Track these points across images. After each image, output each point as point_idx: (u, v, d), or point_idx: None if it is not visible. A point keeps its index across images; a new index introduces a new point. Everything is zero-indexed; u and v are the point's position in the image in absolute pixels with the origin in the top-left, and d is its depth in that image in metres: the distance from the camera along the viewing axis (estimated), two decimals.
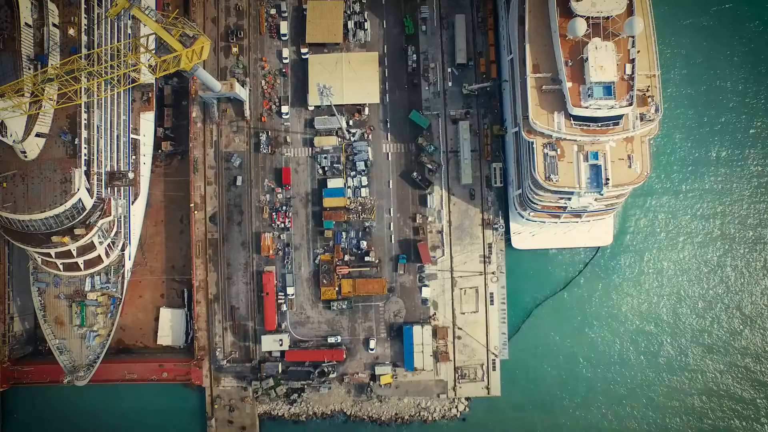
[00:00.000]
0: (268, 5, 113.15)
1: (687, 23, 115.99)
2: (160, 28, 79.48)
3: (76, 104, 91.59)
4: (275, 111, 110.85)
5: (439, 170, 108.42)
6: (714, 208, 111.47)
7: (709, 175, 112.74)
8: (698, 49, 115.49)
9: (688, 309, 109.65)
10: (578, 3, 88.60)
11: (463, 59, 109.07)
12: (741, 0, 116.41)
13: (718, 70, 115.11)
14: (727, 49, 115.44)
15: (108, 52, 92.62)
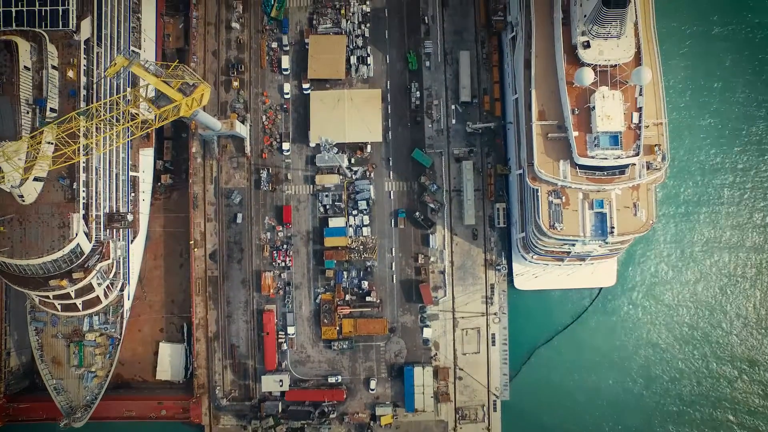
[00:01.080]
0: (270, 39, 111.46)
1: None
2: (160, 83, 78.00)
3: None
4: (276, 147, 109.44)
5: (442, 210, 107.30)
6: (721, 247, 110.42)
7: (717, 213, 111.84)
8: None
9: (695, 352, 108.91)
10: (585, 51, 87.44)
11: (467, 97, 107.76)
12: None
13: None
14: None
15: (107, 105, 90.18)
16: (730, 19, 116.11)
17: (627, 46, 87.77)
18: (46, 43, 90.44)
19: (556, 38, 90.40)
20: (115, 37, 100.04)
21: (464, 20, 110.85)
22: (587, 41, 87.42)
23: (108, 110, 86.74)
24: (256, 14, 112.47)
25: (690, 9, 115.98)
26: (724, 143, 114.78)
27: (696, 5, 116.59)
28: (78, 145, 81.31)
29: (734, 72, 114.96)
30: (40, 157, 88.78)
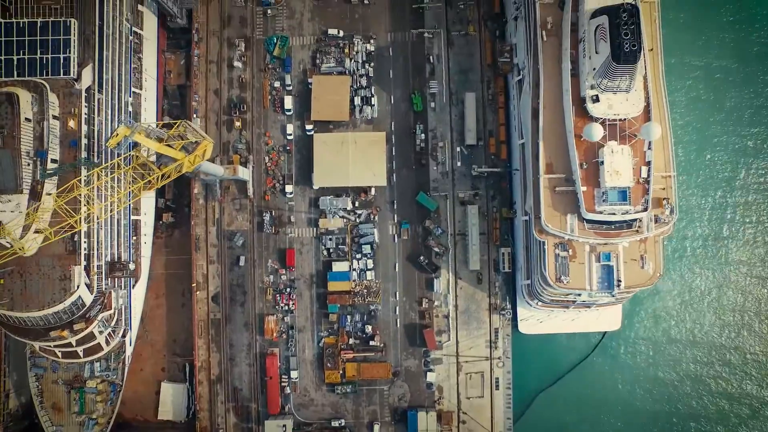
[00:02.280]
0: (272, 78, 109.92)
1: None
2: (163, 147, 76.71)
3: (75, 200, 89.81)
4: (279, 189, 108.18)
5: (447, 254, 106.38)
6: (727, 286, 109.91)
7: (723, 253, 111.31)
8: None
9: (700, 395, 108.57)
10: (594, 105, 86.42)
11: (472, 140, 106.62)
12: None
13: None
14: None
15: (107, 169, 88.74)
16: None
17: (636, 100, 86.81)
18: (47, 93, 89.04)
19: (565, 90, 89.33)
20: (117, 81, 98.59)
21: (470, 60, 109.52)
22: (596, 95, 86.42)
23: (109, 171, 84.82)
24: (259, 53, 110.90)
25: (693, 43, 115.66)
26: (729, 177, 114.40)
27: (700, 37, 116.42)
28: (79, 216, 79.76)
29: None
30: (42, 209, 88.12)
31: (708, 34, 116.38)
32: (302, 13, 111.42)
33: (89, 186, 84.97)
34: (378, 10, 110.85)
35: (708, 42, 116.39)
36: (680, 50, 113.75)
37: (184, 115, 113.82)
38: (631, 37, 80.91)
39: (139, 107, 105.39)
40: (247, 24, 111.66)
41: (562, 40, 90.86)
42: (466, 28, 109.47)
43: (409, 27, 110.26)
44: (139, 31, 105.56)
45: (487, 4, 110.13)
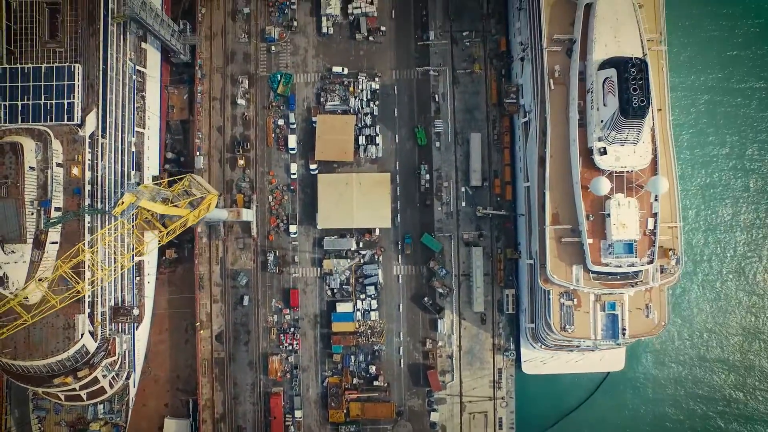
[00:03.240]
0: (276, 115, 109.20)
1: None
2: (169, 208, 76.18)
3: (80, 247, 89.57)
4: (283, 229, 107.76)
5: (451, 294, 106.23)
6: (733, 335, 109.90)
7: (726, 299, 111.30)
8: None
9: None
10: (602, 158, 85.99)
11: (478, 181, 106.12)
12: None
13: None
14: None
15: (112, 231, 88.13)
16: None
17: (644, 152, 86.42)
18: (50, 140, 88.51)
19: (572, 140, 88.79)
20: (120, 123, 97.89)
21: (475, 98, 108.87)
22: (604, 148, 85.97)
23: (113, 230, 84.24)
24: (262, 90, 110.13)
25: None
26: (732, 213, 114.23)
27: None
28: (83, 284, 79.42)
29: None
30: (45, 258, 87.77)
31: (713, 69, 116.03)
32: (306, 49, 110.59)
33: (93, 248, 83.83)
34: (383, 48, 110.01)
35: (712, 76, 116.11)
36: (685, 87, 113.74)
37: (186, 150, 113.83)
38: (640, 93, 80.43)
39: (142, 146, 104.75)
40: (250, 60, 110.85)
41: (569, 89, 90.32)
42: (472, 66, 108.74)
43: (414, 65, 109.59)
44: (142, 70, 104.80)
45: (492, 42, 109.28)
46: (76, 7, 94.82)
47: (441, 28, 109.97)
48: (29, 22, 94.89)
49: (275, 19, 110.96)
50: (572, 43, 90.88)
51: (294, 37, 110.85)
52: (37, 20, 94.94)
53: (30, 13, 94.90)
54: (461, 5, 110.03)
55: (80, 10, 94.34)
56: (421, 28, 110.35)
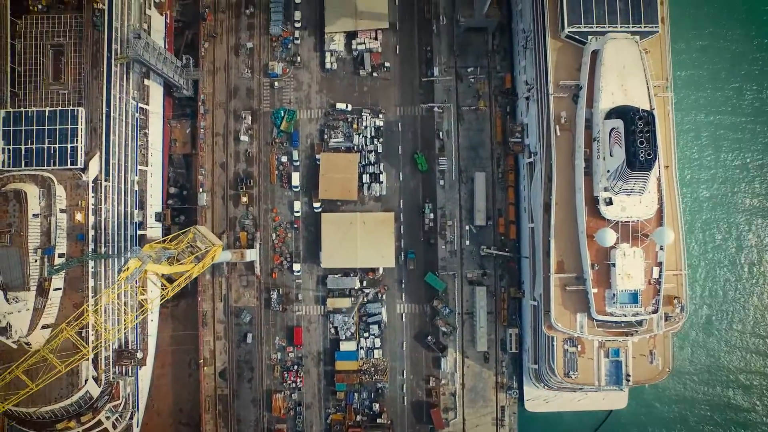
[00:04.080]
0: (279, 152, 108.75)
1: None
2: (174, 267, 75.97)
3: (83, 294, 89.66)
4: (287, 267, 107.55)
5: (454, 333, 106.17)
6: (737, 377, 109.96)
7: (729, 338, 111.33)
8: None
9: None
10: (608, 208, 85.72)
11: (482, 221, 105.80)
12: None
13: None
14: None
15: (116, 294, 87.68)
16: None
17: (650, 202, 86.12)
18: (54, 187, 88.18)
19: (578, 188, 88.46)
20: (123, 163, 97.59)
21: (480, 135, 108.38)
22: (610, 198, 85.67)
23: (116, 289, 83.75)
24: (266, 125, 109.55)
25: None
26: (736, 249, 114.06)
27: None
28: (88, 349, 79.39)
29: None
30: (49, 305, 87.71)
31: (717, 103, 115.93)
32: (310, 85, 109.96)
33: (96, 307, 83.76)
34: (387, 84, 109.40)
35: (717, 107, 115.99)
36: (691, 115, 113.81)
37: (189, 183, 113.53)
38: (647, 146, 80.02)
39: (145, 184, 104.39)
40: (253, 96, 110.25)
41: (575, 136, 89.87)
42: (477, 103, 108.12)
43: (419, 101, 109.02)
44: (145, 107, 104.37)
45: (497, 79, 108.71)
46: (79, 49, 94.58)
47: (446, 64, 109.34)
48: (33, 64, 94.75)
49: (278, 54, 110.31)
50: (578, 89, 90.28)
51: (297, 72, 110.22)
52: (41, 62, 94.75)
53: (34, 55, 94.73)
54: (466, 41, 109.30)
55: (84, 52, 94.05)
56: (425, 63, 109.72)
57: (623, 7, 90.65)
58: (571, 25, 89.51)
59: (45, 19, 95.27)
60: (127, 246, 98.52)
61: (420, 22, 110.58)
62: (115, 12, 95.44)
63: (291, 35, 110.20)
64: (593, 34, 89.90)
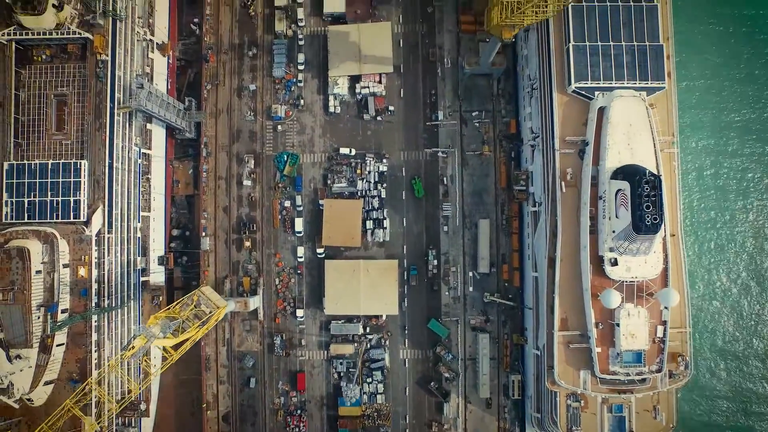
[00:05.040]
0: (283, 197, 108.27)
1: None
2: (180, 337, 75.74)
3: (86, 349, 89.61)
4: (290, 312, 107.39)
5: (457, 378, 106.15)
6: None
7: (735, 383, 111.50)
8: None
9: None
10: (613, 268, 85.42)
11: (485, 268, 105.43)
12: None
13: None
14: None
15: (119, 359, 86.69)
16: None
17: (655, 263, 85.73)
18: (57, 243, 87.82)
19: (582, 247, 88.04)
20: (126, 211, 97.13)
21: (484, 181, 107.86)
22: (615, 258, 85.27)
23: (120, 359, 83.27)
24: (269, 169, 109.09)
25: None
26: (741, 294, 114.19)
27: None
28: (92, 421, 79.27)
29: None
30: (52, 361, 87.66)
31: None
32: (313, 128, 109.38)
33: (101, 378, 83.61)
34: (391, 127, 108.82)
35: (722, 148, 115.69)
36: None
37: (192, 224, 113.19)
38: (653, 210, 79.55)
39: (148, 230, 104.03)
40: (256, 139, 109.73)
41: (581, 193, 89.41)
42: (481, 148, 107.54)
43: (423, 146, 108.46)
44: (147, 152, 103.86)
45: (502, 124, 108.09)
46: (82, 100, 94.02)
47: (450, 107, 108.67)
48: (37, 114, 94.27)
49: (282, 97, 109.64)
50: (585, 145, 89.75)
51: (300, 115, 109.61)
52: (44, 112, 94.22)
53: (38, 105, 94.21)
54: (471, 85, 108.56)
55: (87, 102, 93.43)
56: (430, 107, 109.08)
57: (630, 63, 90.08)
58: (578, 81, 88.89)
59: (49, 69, 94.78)
60: (130, 295, 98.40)
61: (425, 65, 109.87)
62: (117, 61, 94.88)
63: (294, 77, 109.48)
64: (600, 90, 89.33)
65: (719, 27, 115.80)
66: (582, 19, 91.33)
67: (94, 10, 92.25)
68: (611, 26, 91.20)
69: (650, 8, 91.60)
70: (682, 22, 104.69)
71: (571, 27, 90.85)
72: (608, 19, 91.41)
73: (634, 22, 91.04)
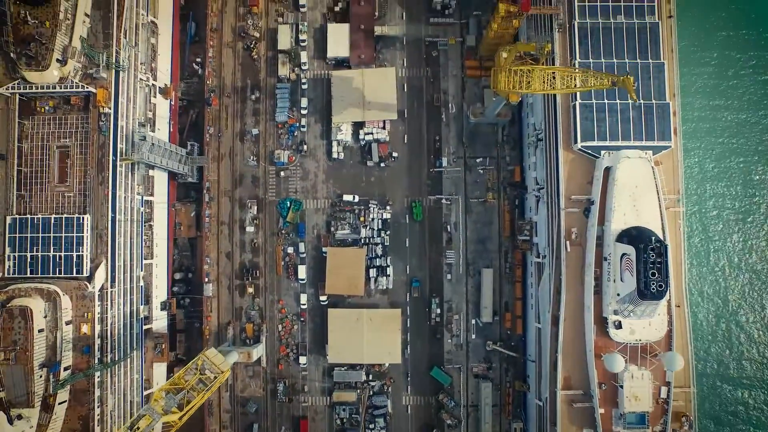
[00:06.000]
0: (285, 243, 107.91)
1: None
2: (186, 410, 75.43)
3: (88, 406, 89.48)
4: (293, 358, 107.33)
5: (459, 426, 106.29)
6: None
7: None
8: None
9: None
10: (617, 331, 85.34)
11: (488, 318, 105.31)
12: None
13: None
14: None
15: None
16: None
17: (659, 325, 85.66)
18: (60, 300, 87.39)
19: (587, 307, 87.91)
20: (129, 262, 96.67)
21: (488, 228, 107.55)
22: (619, 321, 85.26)
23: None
24: (272, 215, 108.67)
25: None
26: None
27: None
28: None
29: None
30: (53, 419, 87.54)
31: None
32: (316, 174, 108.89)
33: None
34: (395, 173, 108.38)
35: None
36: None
37: (194, 266, 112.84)
38: (659, 277, 79.39)
39: (151, 277, 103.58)
40: (259, 184, 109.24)
41: (585, 253, 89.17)
42: (485, 195, 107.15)
43: (427, 192, 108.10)
44: (150, 199, 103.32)
45: (507, 171, 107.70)
46: (85, 151, 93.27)
47: (454, 154, 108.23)
48: (39, 165, 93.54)
49: (285, 142, 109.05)
50: (590, 204, 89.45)
51: (304, 160, 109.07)
52: (47, 164, 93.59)
53: (40, 156, 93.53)
54: (475, 131, 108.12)
55: (90, 154, 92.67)
56: (434, 153, 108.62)
57: (637, 119, 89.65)
58: (585, 140, 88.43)
59: (51, 119, 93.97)
60: (133, 345, 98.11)
61: (429, 109, 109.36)
62: (120, 111, 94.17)
63: (297, 122, 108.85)
64: (606, 149, 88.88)
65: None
66: None
67: (98, 63, 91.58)
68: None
69: (657, 65, 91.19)
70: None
71: None
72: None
73: (641, 79, 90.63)
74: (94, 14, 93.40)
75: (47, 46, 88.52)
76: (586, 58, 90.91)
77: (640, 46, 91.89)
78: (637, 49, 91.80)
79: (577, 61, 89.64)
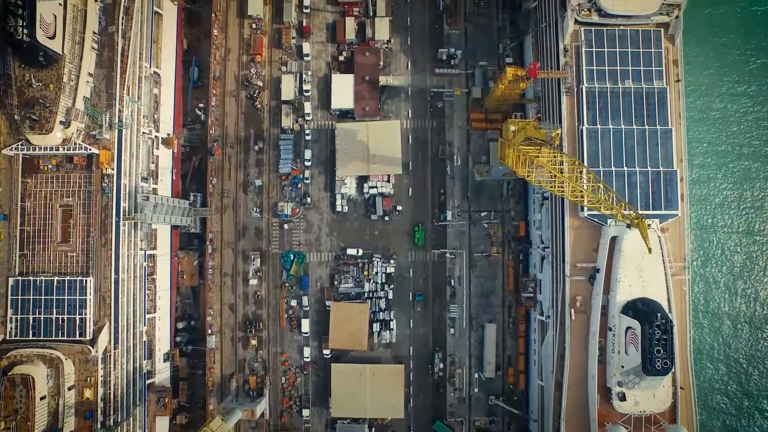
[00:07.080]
0: (289, 296, 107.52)
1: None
2: None
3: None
4: (296, 410, 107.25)
5: None
6: None
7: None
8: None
9: None
10: (621, 403, 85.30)
11: (491, 373, 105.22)
12: None
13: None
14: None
15: None
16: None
17: (663, 397, 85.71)
18: (62, 367, 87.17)
19: (590, 375, 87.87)
20: (132, 321, 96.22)
21: (492, 282, 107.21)
22: (623, 393, 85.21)
23: None
24: (275, 268, 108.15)
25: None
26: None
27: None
28: None
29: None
30: None
31: None
32: (320, 227, 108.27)
33: None
34: (399, 226, 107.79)
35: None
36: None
37: (197, 313, 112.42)
38: (664, 354, 79.37)
39: (153, 331, 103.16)
40: (262, 236, 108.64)
41: (590, 321, 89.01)
42: (489, 249, 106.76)
43: (431, 247, 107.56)
44: (153, 253, 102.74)
45: (511, 226, 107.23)
46: (88, 211, 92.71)
47: (459, 207, 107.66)
48: (42, 224, 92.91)
49: (288, 193, 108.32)
50: (596, 271, 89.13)
51: (307, 213, 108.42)
52: (50, 223, 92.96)
53: (43, 215, 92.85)
54: (480, 185, 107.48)
55: (93, 214, 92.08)
56: (438, 207, 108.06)
57: (644, 185, 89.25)
58: (591, 208, 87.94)
59: (54, 178, 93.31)
60: (135, 401, 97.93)
61: (434, 162, 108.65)
62: (123, 169, 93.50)
63: (301, 174, 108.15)
64: (613, 217, 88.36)
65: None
66: (597, 138, 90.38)
67: (101, 124, 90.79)
68: (625, 149, 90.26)
69: (665, 131, 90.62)
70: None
71: (585, 147, 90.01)
72: (622, 141, 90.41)
73: (649, 146, 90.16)
74: (97, 73, 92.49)
75: (51, 109, 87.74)
76: (593, 123, 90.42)
77: (648, 111, 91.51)
78: (645, 114, 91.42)
79: (585, 158, 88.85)
